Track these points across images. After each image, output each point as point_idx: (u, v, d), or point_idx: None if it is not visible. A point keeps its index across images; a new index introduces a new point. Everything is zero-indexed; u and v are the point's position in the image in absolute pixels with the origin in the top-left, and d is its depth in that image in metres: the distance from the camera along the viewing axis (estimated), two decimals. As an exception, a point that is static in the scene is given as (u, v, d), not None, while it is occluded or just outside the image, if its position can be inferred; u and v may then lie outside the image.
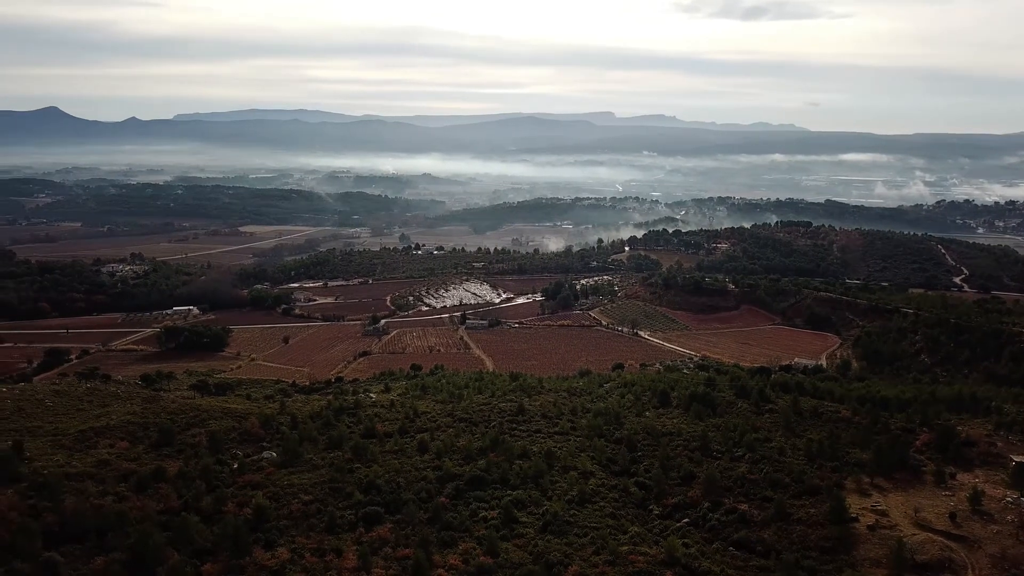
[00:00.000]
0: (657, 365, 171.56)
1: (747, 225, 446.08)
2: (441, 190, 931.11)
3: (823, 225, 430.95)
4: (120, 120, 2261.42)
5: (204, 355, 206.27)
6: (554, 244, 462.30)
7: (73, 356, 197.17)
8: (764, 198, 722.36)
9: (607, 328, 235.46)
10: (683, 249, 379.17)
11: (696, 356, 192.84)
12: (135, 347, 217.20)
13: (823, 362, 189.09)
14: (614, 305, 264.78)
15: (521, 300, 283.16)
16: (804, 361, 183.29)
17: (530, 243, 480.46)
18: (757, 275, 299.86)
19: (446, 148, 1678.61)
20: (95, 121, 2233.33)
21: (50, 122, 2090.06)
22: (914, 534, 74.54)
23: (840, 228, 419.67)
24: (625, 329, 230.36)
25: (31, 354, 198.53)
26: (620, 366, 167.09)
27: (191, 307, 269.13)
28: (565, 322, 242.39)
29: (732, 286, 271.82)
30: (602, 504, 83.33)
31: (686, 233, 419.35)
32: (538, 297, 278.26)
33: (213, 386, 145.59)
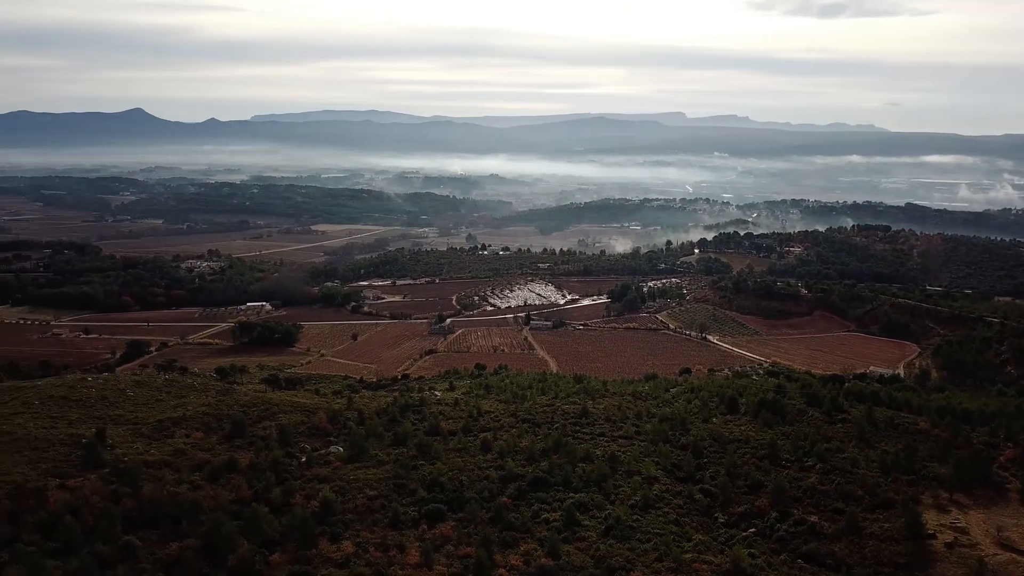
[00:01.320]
0: (725, 370, 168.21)
1: (821, 228, 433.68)
2: (508, 191, 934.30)
3: (902, 229, 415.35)
4: (200, 121, 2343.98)
5: (275, 350, 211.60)
6: (621, 245, 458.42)
7: (153, 348, 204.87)
8: (840, 201, 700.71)
9: (674, 332, 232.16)
10: (754, 252, 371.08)
11: (766, 362, 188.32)
12: (211, 341, 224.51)
13: (900, 371, 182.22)
14: (682, 308, 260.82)
15: (586, 301, 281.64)
16: (880, 370, 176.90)
17: (597, 244, 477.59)
18: (831, 280, 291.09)
19: (514, 149, 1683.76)
20: (177, 122, 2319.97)
21: (136, 123, 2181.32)
22: (996, 554, 71.04)
23: (921, 232, 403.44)
24: (693, 333, 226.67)
25: (114, 345, 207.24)
26: (687, 371, 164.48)
27: (264, 303, 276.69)
28: (631, 325, 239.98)
29: (805, 291, 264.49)
30: (666, 510, 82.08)
31: (757, 236, 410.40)
32: (604, 299, 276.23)
33: (284, 380, 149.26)
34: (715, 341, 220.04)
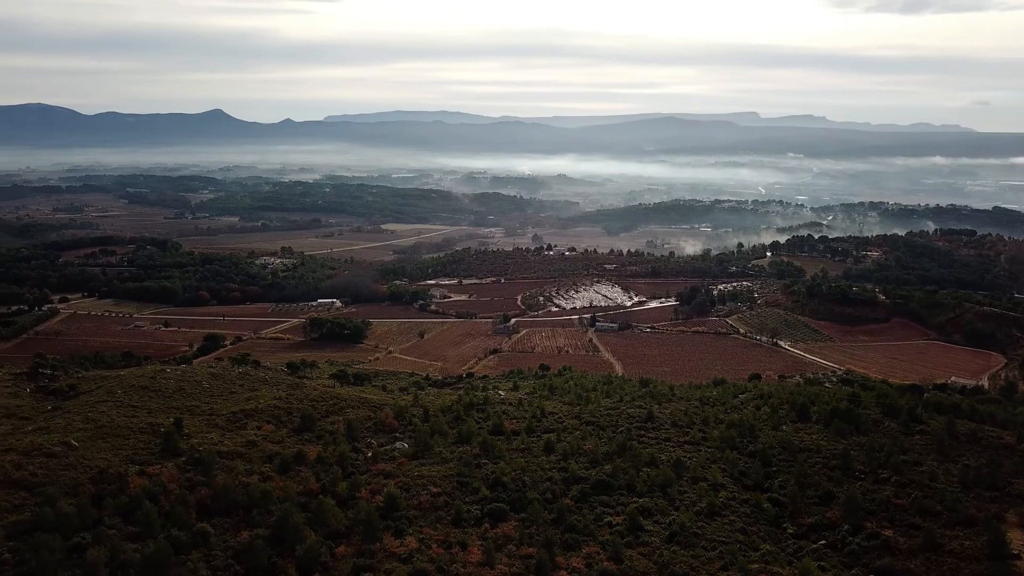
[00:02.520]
0: (797, 377, 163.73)
1: (901, 232, 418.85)
2: (575, 191, 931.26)
3: (989, 234, 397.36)
4: (276, 122, 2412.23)
5: (344, 346, 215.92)
6: (690, 247, 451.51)
7: (228, 342, 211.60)
8: (921, 204, 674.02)
9: (744, 336, 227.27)
10: (829, 256, 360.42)
11: (840, 370, 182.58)
12: (282, 336, 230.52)
13: (984, 383, 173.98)
14: (753, 313, 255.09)
15: (654, 304, 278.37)
16: (962, 380, 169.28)
17: (665, 245, 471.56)
18: (911, 286, 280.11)
19: (582, 149, 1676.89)
20: (254, 123, 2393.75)
21: (215, 123, 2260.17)
22: (1088, 579, 67.10)
23: (1009, 237, 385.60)
24: (764, 338, 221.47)
25: (192, 338, 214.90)
26: (757, 376, 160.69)
27: (334, 299, 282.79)
28: (700, 328, 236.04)
29: (882, 297, 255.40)
30: (732, 518, 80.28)
31: (833, 239, 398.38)
32: (672, 301, 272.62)
33: (352, 376, 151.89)
34: (786, 347, 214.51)
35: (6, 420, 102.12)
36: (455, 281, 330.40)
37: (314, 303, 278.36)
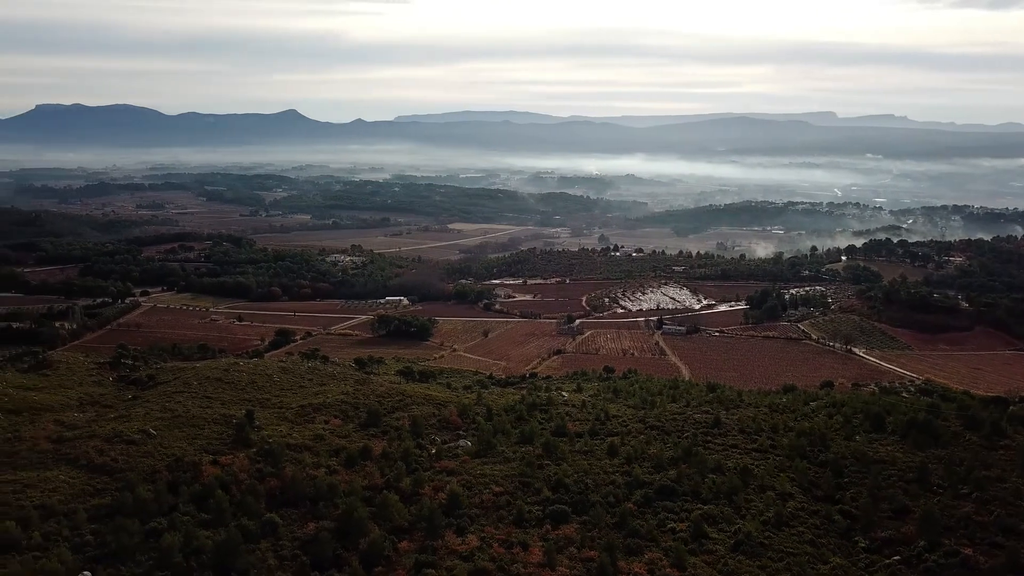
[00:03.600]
0: (872, 386, 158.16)
1: (986, 237, 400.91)
2: (644, 191, 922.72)
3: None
4: (348, 122, 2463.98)
5: (410, 343, 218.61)
6: (762, 250, 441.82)
7: (298, 337, 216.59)
8: (1010, 207, 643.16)
9: (817, 343, 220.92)
10: (908, 261, 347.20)
11: (918, 379, 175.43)
12: (351, 332, 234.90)
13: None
14: (826, 318, 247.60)
15: (723, 307, 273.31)
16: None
17: (736, 248, 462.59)
18: (996, 293, 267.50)
19: (651, 149, 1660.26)
20: (327, 123, 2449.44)
21: (289, 123, 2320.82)
22: None
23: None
24: (837, 345, 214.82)
25: (264, 333, 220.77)
26: (829, 384, 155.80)
27: (401, 297, 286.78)
28: (770, 333, 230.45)
29: (965, 304, 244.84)
30: (801, 529, 78.01)
31: (912, 244, 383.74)
32: (742, 305, 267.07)
33: (417, 373, 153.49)
34: (861, 354, 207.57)
35: (90, 407, 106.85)
36: (520, 281, 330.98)
37: (382, 300, 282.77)
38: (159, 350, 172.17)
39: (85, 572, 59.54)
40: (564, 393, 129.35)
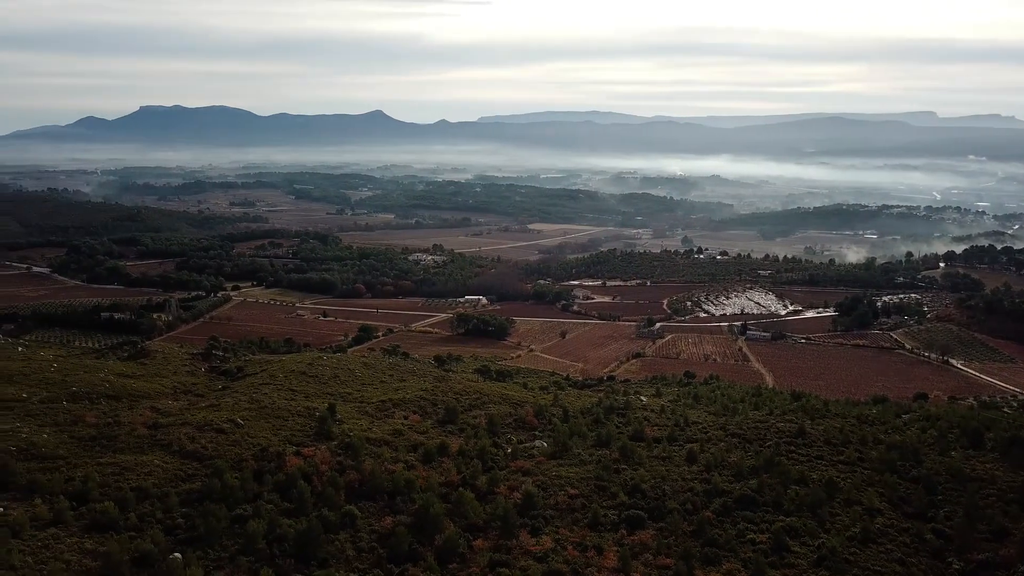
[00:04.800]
0: (970, 400, 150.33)
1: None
2: (729, 192, 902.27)
3: None
4: (432, 122, 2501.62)
5: (488, 342, 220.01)
6: (853, 255, 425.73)
7: (380, 333, 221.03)
8: None
9: (910, 353, 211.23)
10: (1013, 269, 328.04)
11: (1021, 394, 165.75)
12: (430, 329, 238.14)
13: None
14: (921, 327, 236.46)
15: (810, 313, 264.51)
16: None
17: (825, 252, 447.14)
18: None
19: (737, 149, 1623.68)
20: (412, 123, 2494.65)
21: (375, 124, 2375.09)
22: None
23: None
24: (932, 355, 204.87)
25: (347, 329, 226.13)
26: (923, 396, 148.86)
27: (480, 296, 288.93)
28: (860, 342, 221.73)
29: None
30: (889, 547, 74.62)
31: (1018, 251, 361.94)
32: (830, 312, 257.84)
33: (494, 372, 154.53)
34: (958, 366, 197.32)
35: (183, 396, 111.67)
36: (599, 282, 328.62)
37: (461, 299, 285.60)
38: (248, 343, 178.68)
39: (176, 554, 62.01)
40: (643, 397, 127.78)
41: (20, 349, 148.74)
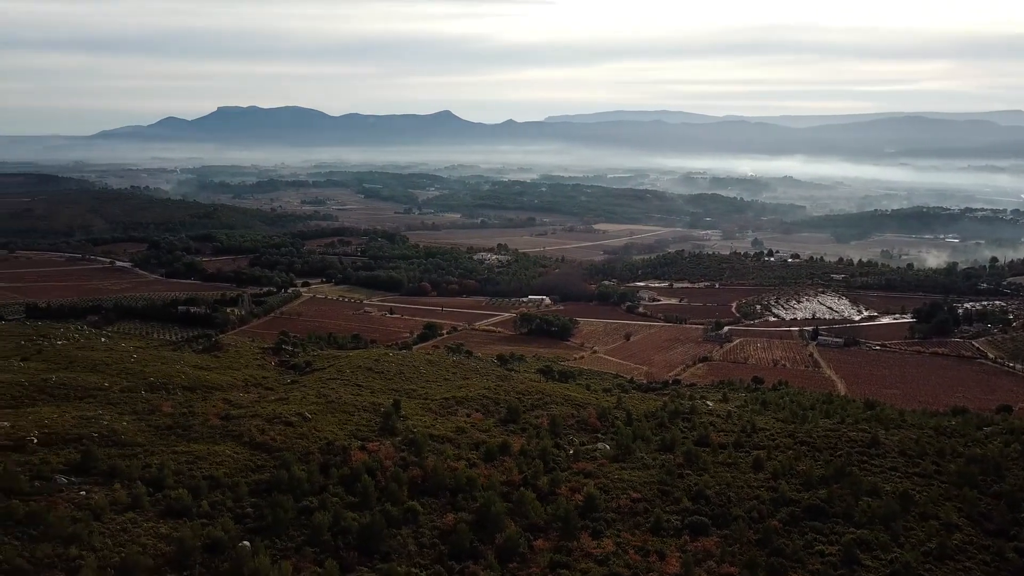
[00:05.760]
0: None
1: None
2: (802, 194, 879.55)
3: None
4: (499, 122, 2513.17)
5: (551, 342, 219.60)
6: (933, 259, 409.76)
7: (444, 331, 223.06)
8: None
9: (993, 362, 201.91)
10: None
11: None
12: (494, 328, 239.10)
13: None
14: (1006, 336, 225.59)
15: (886, 320, 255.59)
16: None
17: (903, 256, 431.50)
18: None
19: (811, 150, 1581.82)
20: (479, 123, 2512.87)
21: (443, 124, 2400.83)
22: None
23: None
24: (1018, 366, 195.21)
25: (413, 326, 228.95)
26: (1007, 408, 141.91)
27: (544, 296, 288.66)
28: (939, 350, 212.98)
29: None
30: (968, 564, 71.36)
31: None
32: (907, 318, 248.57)
33: (557, 373, 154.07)
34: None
35: (254, 388, 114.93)
36: (665, 284, 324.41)
37: (525, 299, 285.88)
38: (316, 338, 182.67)
39: (245, 542, 63.70)
40: (709, 402, 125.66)
41: (103, 340, 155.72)
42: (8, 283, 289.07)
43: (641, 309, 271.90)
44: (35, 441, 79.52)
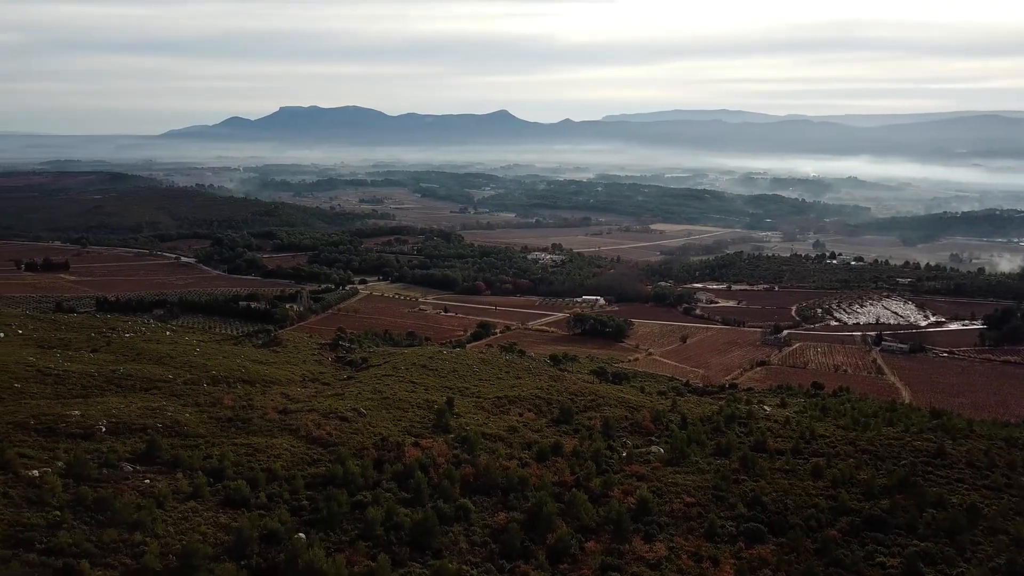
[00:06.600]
0: None
1: None
2: (867, 195, 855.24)
3: None
4: (556, 121, 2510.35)
5: (605, 343, 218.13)
6: (1006, 264, 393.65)
7: (498, 330, 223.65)
8: None
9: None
10: None
11: None
12: (547, 328, 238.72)
13: None
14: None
15: (954, 326, 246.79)
16: None
17: (973, 260, 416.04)
18: None
19: (878, 150, 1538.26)
20: (536, 123, 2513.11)
21: (500, 124, 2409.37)
22: None
23: None
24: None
25: (466, 324, 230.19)
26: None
27: (598, 297, 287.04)
28: (1011, 358, 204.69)
29: None
30: (1041, 584, 68.32)
31: None
32: (977, 325, 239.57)
33: (611, 374, 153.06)
34: None
35: (311, 384, 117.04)
36: (723, 286, 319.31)
37: (579, 299, 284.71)
38: (372, 335, 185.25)
39: (300, 534, 64.81)
40: (766, 407, 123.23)
41: (168, 333, 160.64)
42: (80, 277, 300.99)
43: (698, 311, 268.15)
44: (103, 430, 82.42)
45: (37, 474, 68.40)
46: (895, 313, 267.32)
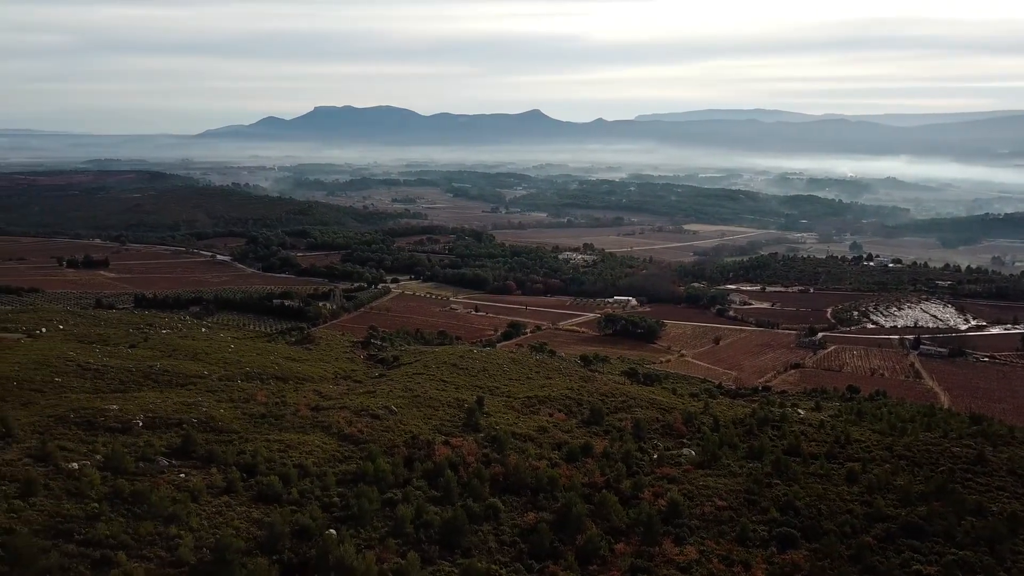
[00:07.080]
0: None
1: None
2: (906, 196, 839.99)
3: None
4: (588, 121, 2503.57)
5: (636, 344, 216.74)
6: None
7: (528, 330, 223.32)
8: None
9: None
10: None
11: None
12: (578, 328, 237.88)
13: None
14: None
15: (996, 330, 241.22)
16: None
17: (1016, 263, 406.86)
18: None
19: (917, 150, 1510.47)
20: (568, 122, 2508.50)
21: (532, 123, 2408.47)
22: None
23: None
24: None
25: (497, 324, 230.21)
26: None
27: (630, 297, 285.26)
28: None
29: None
30: (1085, 596, 66.49)
31: None
32: (1020, 329, 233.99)
33: (642, 375, 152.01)
34: None
35: (343, 381, 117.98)
36: (758, 287, 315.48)
37: (610, 299, 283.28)
38: (404, 333, 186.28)
39: (331, 530, 65.38)
40: (800, 410, 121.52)
41: (204, 330, 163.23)
42: (119, 274, 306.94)
43: (731, 312, 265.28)
44: (140, 424, 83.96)
45: (76, 467, 69.94)
46: (934, 316, 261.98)
